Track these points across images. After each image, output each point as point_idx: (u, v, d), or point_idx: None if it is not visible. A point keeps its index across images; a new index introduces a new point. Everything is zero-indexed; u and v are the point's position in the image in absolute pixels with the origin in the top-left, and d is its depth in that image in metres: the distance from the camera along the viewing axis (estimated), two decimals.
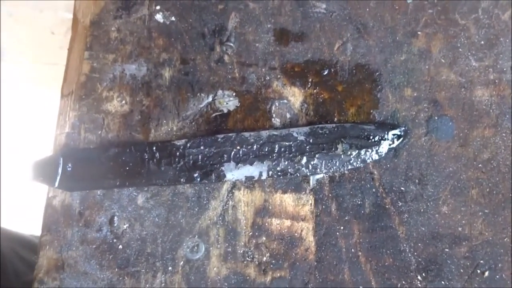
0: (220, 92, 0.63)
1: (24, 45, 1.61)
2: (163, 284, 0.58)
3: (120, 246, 0.59)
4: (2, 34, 1.58)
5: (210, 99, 0.63)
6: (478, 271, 0.57)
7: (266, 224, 0.59)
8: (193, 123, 0.62)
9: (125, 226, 0.60)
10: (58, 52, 1.54)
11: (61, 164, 0.59)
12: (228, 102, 0.62)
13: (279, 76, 0.63)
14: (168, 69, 0.64)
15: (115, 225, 0.60)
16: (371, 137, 0.59)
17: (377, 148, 0.59)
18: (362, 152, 0.59)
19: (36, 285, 0.58)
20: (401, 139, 0.60)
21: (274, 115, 0.62)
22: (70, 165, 0.59)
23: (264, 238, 0.59)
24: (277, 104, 0.62)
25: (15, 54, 1.63)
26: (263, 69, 0.63)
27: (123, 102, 0.63)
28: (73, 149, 0.60)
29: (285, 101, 0.62)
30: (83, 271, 0.59)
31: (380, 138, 0.59)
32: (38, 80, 1.64)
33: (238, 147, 0.59)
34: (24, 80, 1.64)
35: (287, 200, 0.60)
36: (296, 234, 0.59)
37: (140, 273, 0.59)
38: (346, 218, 0.59)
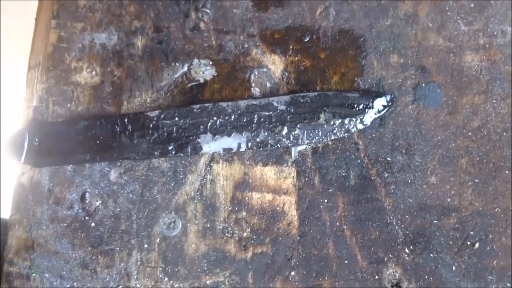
0: (196, 61, 0.60)
1: (24, 35, 1.56)
2: (139, 262, 0.55)
3: (93, 224, 0.56)
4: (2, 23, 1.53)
5: (185, 68, 0.59)
6: (468, 243, 0.55)
7: (247, 198, 0.56)
8: (168, 94, 0.59)
9: (97, 203, 0.57)
10: None
11: (27, 139, 0.55)
12: (205, 71, 0.59)
13: (258, 43, 0.60)
14: (141, 38, 0.60)
15: (87, 202, 0.57)
16: (355, 106, 0.56)
17: (361, 117, 0.56)
18: (346, 121, 0.56)
19: (6, 266, 0.55)
20: (387, 107, 0.57)
21: (253, 85, 0.59)
22: (37, 139, 0.56)
23: (244, 213, 0.56)
24: (256, 73, 0.59)
25: (15, 43, 1.58)
26: (241, 37, 0.60)
27: (93, 73, 0.59)
28: (40, 123, 0.57)
29: (265, 69, 0.59)
30: (54, 251, 0.56)
31: (364, 106, 0.56)
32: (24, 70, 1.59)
33: (215, 118, 0.56)
34: (22, 69, 1.59)
35: (268, 173, 0.57)
36: (278, 208, 0.56)
37: (114, 251, 0.56)
38: (330, 190, 0.56)
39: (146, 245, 0.56)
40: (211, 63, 0.59)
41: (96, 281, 0.55)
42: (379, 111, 0.56)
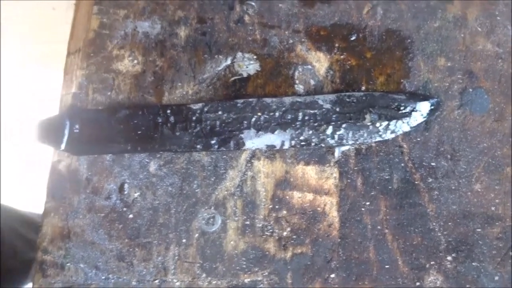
0: (239, 54, 0.58)
1: (24, 23, 1.54)
2: (176, 257, 0.54)
3: (131, 216, 0.55)
4: (2, 11, 1.51)
5: (228, 61, 0.58)
6: (511, 253, 0.53)
7: (287, 197, 0.55)
8: (210, 87, 0.57)
9: (136, 195, 0.55)
10: (59, 29, 1.48)
11: (68, 125, 0.54)
12: (248, 65, 0.58)
13: (303, 39, 0.58)
14: (184, 28, 0.59)
15: (125, 193, 0.55)
16: (401, 108, 0.55)
17: (407, 120, 0.55)
18: (392, 123, 0.54)
19: (40, 254, 0.54)
20: (433, 111, 0.55)
21: (297, 81, 0.57)
22: (77, 126, 0.54)
23: (284, 212, 0.55)
24: (300, 69, 0.58)
25: (15, 31, 1.57)
26: (286, 32, 0.59)
27: (135, 61, 0.58)
28: (81, 109, 0.56)
29: (309, 66, 0.58)
30: (91, 241, 0.55)
31: (411, 109, 0.55)
32: (37, 58, 1.57)
33: (259, 114, 0.54)
34: (24, 58, 1.57)
35: (310, 172, 0.56)
36: (319, 209, 0.55)
37: (151, 244, 0.55)
38: (373, 193, 0.55)
39: (184, 240, 0.55)
40: (255, 57, 0.58)
41: (132, 274, 0.54)
42: (425, 115, 0.55)
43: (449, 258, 0.54)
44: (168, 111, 0.55)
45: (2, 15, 1.51)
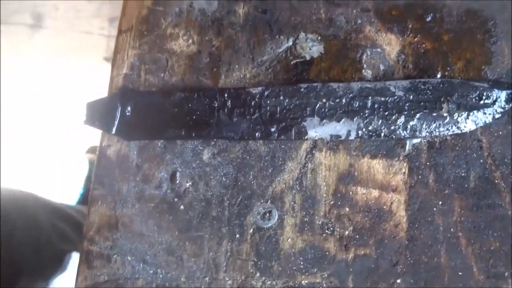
0: (302, 35, 0.53)
1: (61, 12, 1.55)
2: (228, 253, 0.50)
3: (182, 207, 0.52)
4: (40, 1, 1.52)
5: (290, 43, 0.53)
6: None
7: (351, 193, 0.50)
8: (270, 70, 0.53)
9: (187, 184, 0.52)
10: (93, 21, 1.48)
11: (120, 107, 0.50)
12: (312, 47, 0.53)
13: (373, 19, 0.53)
14: (243, 5, 0.54)
15: (177, 182, 0.52)
16: (483, 97, 0.49)
17: (489, 111, 0.49)
18: (472, 114, 0.49)
19: (86, 244, 0.51)
20: None
21: (365, 66, 0.52)
22: (129, 109, 0.51)
23: (347, 209, 0.50)
24: (369, 52, 0.52)
25: (52, 20, 1.57)
26: (354, 11, 0.53)
27: (190, 41, 0.54)
28: (133, 91, 0.52)
29: (379, 49, 0.52)
30: (139, 232, 0.52)
31: (494, 99, 0.49)
32: (70, 48, 1.58)
33: (324, 100, 0.50)
34: (58, 47, 1.58)
35: (376, 166, 0.51)
36: (385, 207, 0.50)
37: (203, 238, 0.51)
38: (446, 192, 0.49)
39: (238, 235, 0.51)
40: (319, 38, 0.53)
41: (181, 269, 0.51)
42: (509, 106, 0.49)
43: None
44: (226, 95, 0.51)
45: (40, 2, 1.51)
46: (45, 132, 1.55)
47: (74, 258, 0.88)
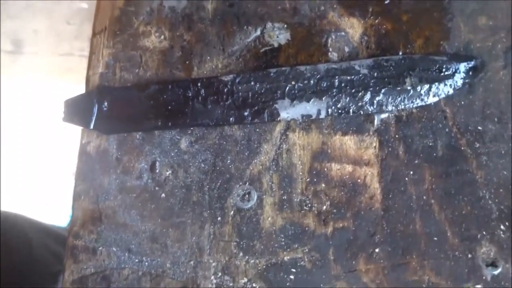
0: (269, 24, 0.56)
1: (41, 36, 1.57)
2: (211, 236, 0.52)
3: (163, 195, 0.53)
4: (20, 25, 1.54)
5: (258, 32, 0.56)
6: None
7: (325, 169, 0.52)
8: (240, 59, 0.55)
9: (167, 173, 0.53)
10: (73, 43, 1.50)
11: (96, 103, 0.52)
12: (279, 35, 0.55)
13: (335, 5, 0.56)
14: (211, 1, 0.57)
15: (157, 171, 0.53)
16: (443, 70, 0.51)
17: (450, 82, 0.51)
18: (434, 86, 0.51)
19: (71, 240, 0.53)
20: (477, 72, 0.52)
21: (330, 49, 0.55)
22: (106, 104, 0.53)
23: (323, 185, 0.52)
24: (333, 37, 0.55)
25: (32, 45, 1.59)
26: None
27: (162, 37, 0.56)
28: (109, 87, 0.54)
29: (343, 33, 0.55)
30: (123, 223, 0.53)
31: (453, 71, 0.51)
32: (52, 71, 1.60)
33: (293, 82, 0.52)
34: (40, 71, 1.60)
35: (348, 142, 0.53)
36: (359, 181, 0.52)
37: (185, 224, 0.52)
38: (416, 161, 0.52)
39: (219, 218, 0.52)
40: (285, 26, 0.56)
41: (166, 255, 0.52)
42: (468, 77, 0.52)
43: (502, 227, 0.50)
44: (199, 84, 0.53)
45: (20, 26, 1.53)
46: (29, 155, 1.55)
47: None
